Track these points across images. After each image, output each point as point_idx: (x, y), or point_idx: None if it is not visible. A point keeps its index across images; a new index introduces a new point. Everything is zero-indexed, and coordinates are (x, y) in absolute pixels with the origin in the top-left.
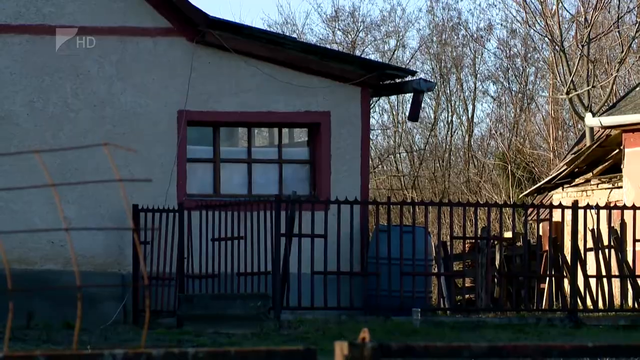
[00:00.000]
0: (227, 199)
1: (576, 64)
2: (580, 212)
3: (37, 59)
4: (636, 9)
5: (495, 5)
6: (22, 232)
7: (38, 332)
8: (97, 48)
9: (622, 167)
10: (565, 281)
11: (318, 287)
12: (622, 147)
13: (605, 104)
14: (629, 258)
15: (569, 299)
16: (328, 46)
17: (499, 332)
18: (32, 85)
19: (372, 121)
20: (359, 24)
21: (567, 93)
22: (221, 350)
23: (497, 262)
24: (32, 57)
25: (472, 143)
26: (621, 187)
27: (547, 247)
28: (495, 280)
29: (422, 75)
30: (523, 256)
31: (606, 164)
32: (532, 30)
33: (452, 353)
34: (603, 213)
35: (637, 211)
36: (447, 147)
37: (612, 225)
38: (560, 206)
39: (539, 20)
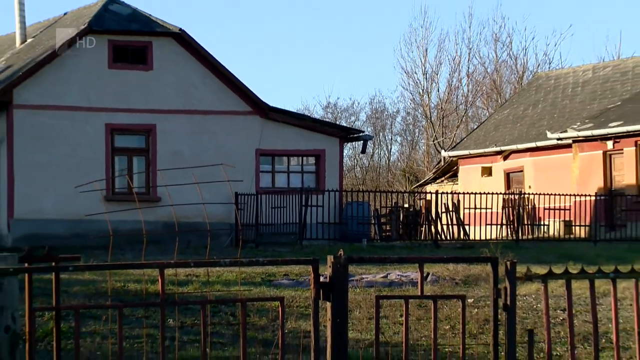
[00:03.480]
0: (278, 189)
1: (437, 127)
2: (440, 195)
3: (198, 126)
4: (464, 102)
5: (401, 101)
6: (184, 205)
7: (192, 250)
8: (214, 122)
9: (458, 174)
10: (432, 227)
11: (320, 229)
12: (458, 165)
13: (451, 145)
14: (461, 216)
15: (434, 235)
16: (324, 119)
17: (402, 250)
18: (188, 137)
19: (344, 153)
20: (338, 109)
21: (433, 141)
22: (275, 259)
23: (401, 218)
24: (189, 124)
25: (390, 164)
26: (457, 184)
27: (424, 211)
28: (400, 226)
29: (367, 132)
30: (413, 215)
31: (451, 173)
32: (417, 112)
33: (382, 260)
34: (450, 196)
35: (466, 196)
36: (378, 165)
37: (453, 201)
38: (430, 192)
39: (420, 108)
